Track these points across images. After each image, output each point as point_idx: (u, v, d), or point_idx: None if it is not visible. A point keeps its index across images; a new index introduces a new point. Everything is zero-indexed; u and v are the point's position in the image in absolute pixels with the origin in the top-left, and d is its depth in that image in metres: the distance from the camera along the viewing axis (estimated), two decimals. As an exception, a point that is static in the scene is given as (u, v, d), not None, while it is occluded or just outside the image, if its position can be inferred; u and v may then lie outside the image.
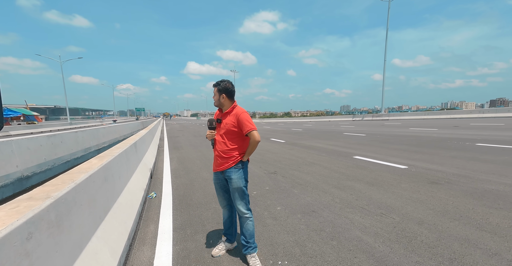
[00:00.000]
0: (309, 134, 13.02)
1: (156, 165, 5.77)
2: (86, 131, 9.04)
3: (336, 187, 3.66)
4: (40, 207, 1.08)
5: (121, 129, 14.28)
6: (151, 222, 2.58)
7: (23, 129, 20.29)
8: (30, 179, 5.37)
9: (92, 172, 1.82)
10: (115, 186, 2.39)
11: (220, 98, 1.84)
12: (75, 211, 1.41)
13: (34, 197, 1.20)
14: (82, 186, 1.58)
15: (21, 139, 5.33)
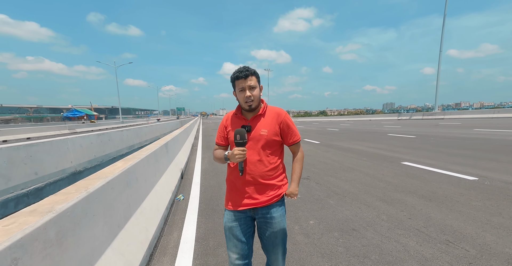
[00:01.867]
0: (346, 135, 12.01)
1: (188, 164, 5.86)
2: (130, 130, 9.82)
3: (382, 199, 3.10)
4: (34, 226, 0.95)
5: (162, 128, 15.32)
6: (176, 229, 2.47)
7: (86, 127, 23.51)
8: (82, 174, 5.96)
9: (111, 178, 1.74)
10: (140, 190, 2.34)
11: (260, 91, 1.22)
12: (84, 223, 1.30)
13: (38, 209, 1.11)
14: (96, 194, 1.49)
15: (75, 137, 5.94)
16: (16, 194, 3.60)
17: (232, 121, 1.28)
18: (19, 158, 3.87)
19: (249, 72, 1.16)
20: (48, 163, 4.60)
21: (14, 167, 3.74)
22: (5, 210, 3.35)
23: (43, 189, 4.24)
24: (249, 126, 1.20)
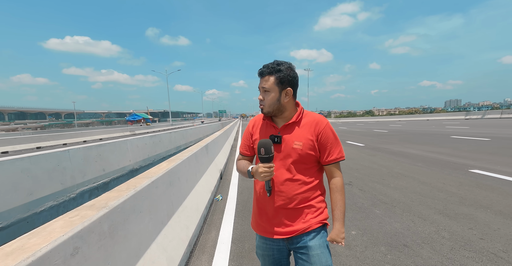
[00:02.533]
0: (397, 137, 10.76)
1: (227, 165, 6.09)
2: (177, 132, 10.76)
3: (443, 213, 2.64)
4: (91, 219, 1.10)
5: (205, 130, 16.37)
6: (214, 228, 2.57)
7: (143, 129, 26.83)
8: (138, 171, 6.78)
9: (156, 177, 1.90)
10: (181, 190, 2.51)
11: (283, 96, 0.96)
12: (133, 219, 1.45)
13: (96, 205, 1.27)
14: (143, 192, 1.65)
15: (133, 138, 6.79)
16: (90, 187, 4.29)
17: (260, 128, 1.06)
18: (91, 156, 4.62)
19: (267, 70, 0.95)
20: (113, 161, 5.36)
21: (88, 164, 4.48)
22: (82, 200, 4.03)
23: (109, 184, 4.96)
24: (279, 137, 0.97)
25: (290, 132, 0.98)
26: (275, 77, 0.94)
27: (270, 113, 0.99)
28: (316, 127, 0.98)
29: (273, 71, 0.94)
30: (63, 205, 3.62)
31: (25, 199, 2.95)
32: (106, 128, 29.16)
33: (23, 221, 2.86)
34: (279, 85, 0.95)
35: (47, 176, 3.42)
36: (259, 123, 1.08)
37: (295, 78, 0.97)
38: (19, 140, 11.54)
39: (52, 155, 3.63)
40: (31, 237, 0.91)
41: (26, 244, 0.86)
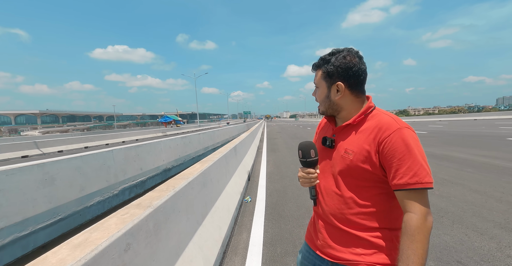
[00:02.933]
0: (439, 139, 9.77)
1: (254, 167, 6.13)
2: (206, 133, 11.17)
3: (504, 227, 2.31)
4: (140, 217, 1.18)
5: (231, 131, 16.73)
6: (244, 230, 2.60)
7: (173, 130, 28.44)
8: (170, 171, 7.18)
9: (191, 178, 1.98)
10: (213, 191, 2.58)
11: (332, 92, 0.81)
12: (173, 218, 1.52)
13: (142, 204, 1.37)
14: (181, 193, 1.73)
15: (165, 140, 7.21)
16: (129, 185, 4.66)
17: (322, 127, 0.97)
18: (131, 156, 5.01)
19: (316, 63, 0.85)
20: (149, 161, 5.75)
21: (128, 163, 4.87)
22: (123, 196, 4.39)
23: (145, 182, 5.33)
24: (332, 140, 0.84)
25: (345, 136, 0.81)
26: (323, 70, 0.81)
27: (324, 112, 0.86)
28: (378, 134, 0.73)
29: (322, 63, 0.82)
30: (108, 201, 3.98)
31: (78, 194, 3.31)
32: (141, 129, 31.48)
33: (76, 214, 3.21)
34: (327, 79, 0.81)
35: (95, 174, 3.80)
36: (324, 122, 0.97)
37: (349, 69, 0.76)
38: (71, 140, 13.04)
39: (99, 155, 4.02)
40: (93, 232, 1.01)
41: (89, 238, 0.96)
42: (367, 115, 0.79)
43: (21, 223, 2.39)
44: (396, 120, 0.74)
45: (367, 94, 0.83)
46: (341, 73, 0.77)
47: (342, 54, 0.78)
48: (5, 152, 9.66)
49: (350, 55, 0.78)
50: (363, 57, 0.80)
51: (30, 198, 2.57)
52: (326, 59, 0.81)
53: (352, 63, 0.77)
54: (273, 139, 13.87)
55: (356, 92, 0.80)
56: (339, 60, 0.77)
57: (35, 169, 2.75)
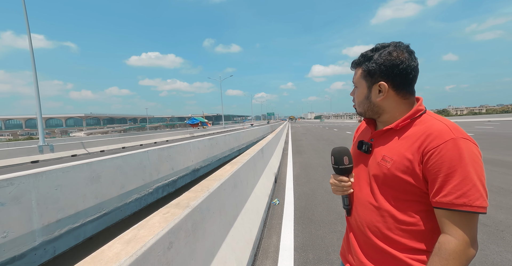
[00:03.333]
0: (489, 141, 8.69)
1: (280, 169, 6.07)
2: (231, 135, 11.39)
3: None
4: (180, 217, 1.23)
5: (255, 132, 16.85)
6: (274, 233, 2.57)
7: (200, 132, 29.59)
8: (199, 171, 7.46)
9: (224, 180, 2.03)
10: (243, 192, 2.61)
11: (373, 92, 0.73)
12: (208, 218, 1.57)
13: (180, 203, 1.43)
14: (215, 194, 1.77)
15: (194, 141, 7.51)
16: (162, 184, 4.94)
17: (362, 130, 0.89)
18: (163, 156, 5.32)
19: (356, 60, 0.77)
20: (179, 161, 6.04)
21: (161, 163, 5.17)
22: (157, 194, 4.67)
23: (176, 181, 5.61)
24: (369, 144, 0.76)
25: (385, 142, 0.72)
26: (363, 69, 0.73)
27: (362, 114, 0.79)
28: (424, 142, 0.62)
29: (362, 60, 0.73)
30: (144, 198, 4.26)
31: (119, 191, 3.60)
32: (170, 131, 33.28)
33: (117, 210, 3.49)
34: (367, 79, 0.72)
35: (133, 172, 4.10)
36: (363, 125, 0.89)
37: (395, 67, 0.67)
38: (110, 141, 14.31)
39: (136, 155, 4.33)
40: (140, 229, 1.08)
41: (138, 235, 1.02)
42: (414, 119, 0.69)
43: (74, 215, 2.67)
44: (452, 129, 0.62)
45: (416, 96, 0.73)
46: (384, 72, 0.68)
47: (387, 49, 0.69)
48: (59, 151, 10.95)
49: (397, 51, 0.68)
50: (413, 52, 0.70)
51: (81, 194, 2.86)
52: (367, 55, 0.72)
53: (399, 60, 0.67)
54: (298, 140, 13.62)
55: (403, 92, 0.70)
56: (383, 56, 0.68)
57: (84, 167, 3.05)
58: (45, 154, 10.27)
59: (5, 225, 1.85)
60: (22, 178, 2.18)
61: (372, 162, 0.74)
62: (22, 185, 2.14)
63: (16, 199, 2.04)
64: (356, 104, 0.79)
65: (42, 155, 10.15)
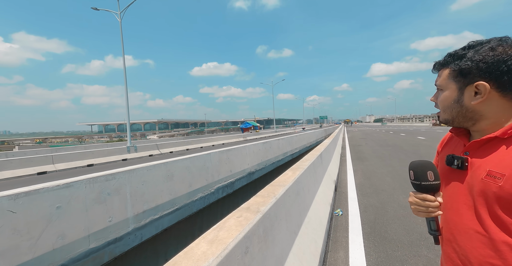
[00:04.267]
0: None
1: (339, 176, 5.63)
2: (284, 139, 11.33)
3: None
4: (253, 222, 1.24)
5: (308, 137, 16.29)
6: (340, 247, 2.36)
7: (252, 136, 30.64)
8: (254, 174, 7.66)
9: (288, 186, 1.97)
10: (305, 200, 2.49)
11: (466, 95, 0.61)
12: (276, 225, 1.54)
13: (250, 208, 1.45)
14: (281, 200, 1.73)
15: (250, 145, 7.76)
16: (222, 185, 5.26)
17: (448, 142, 0.77)
18: (223, 159, 5.67)
19: (440, 61, 0.68)
20: (236, 164, 6.34)
21: (221, 165, 5.52)
22: (217, 195, 5.00)
23: (234, 183, 5.89)
24: (463, 159, 0.63)
25: (487, 154, 0.59)
26: (452, 69, 0.63)
27: (449, 121, 0.66)
28: None
29: (449, 60, 0.64)
30: (207, 198, 4.62)
31: (187, 189, 4.00)
32: (225, 134, 35.58)
33: (186, 206, 3.88)
34: (458, 79, 0.62)
35: (198, 173, 4.50)
36: (449, 137, 0.78)
37: (500, 64, 0.56)
38: (177, 143, 16.30)
39: (201, 157, 4.75)
40: (219, 230, 1.13)
41: (218, 236, 1.07)
42: None
43: (155, 208, 3.09)
44: None
45: None
46: (484, 70, 0.58)
47: (487, 45, 0.59)
48: (140, 151, 13.14)
49: (502, 46, 0.57)
50: None
51: (159, 190, 3.29)
52: (457, 54, 0.62)
53: (506, 55, 0.56)
54: (357, 146, 12.45)
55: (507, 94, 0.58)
56: (483, 52, 0.58)
57: (162, 166, 3.51)
58: (131, 154, 12.48)
59: (110, 212, 2.29)
60: (121, 173, 2.65)
61: (473, 179, 0.60)
62: (120, 179, 2.61)
63: (117, 191, 2.50)
64: (441, 109, 0.68)
65: (129, 154, 12.36)
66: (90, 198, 2.17)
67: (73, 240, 1.83)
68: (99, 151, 11.14)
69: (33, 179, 7.69)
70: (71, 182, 2.02)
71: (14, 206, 1.44)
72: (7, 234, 1.37)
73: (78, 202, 2.03)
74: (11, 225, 1.39)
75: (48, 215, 1.68)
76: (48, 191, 1.72)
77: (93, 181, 2.27)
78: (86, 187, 2.16)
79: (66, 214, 1.83)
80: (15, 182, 7.34)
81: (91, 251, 1.97)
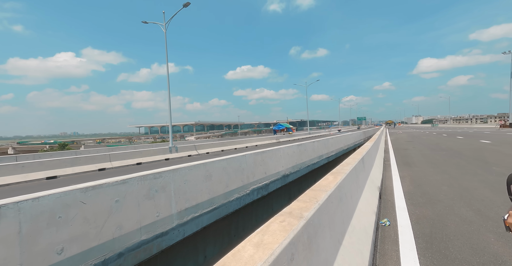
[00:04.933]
0: None
1: (383, 183, 5.15)
2: (319, 141, 10.89)
3: None
4: (297, 228, 1.19)
5: (345, 139, 15.38)
6: (390, 261, 2.13)
7: (285, 138, 30.29)
8: (288, 177, 7.52)
9: (331, 191, 1.86)
10: (348, 207, 2.33)
11: None
12: (320, 233, 1.46)
13: (292, 213, 1.40)
14: (324, 206, 1.64)
15: (284, 147, 7.65)
16: (257, 186, 5.28)
17: None
18: (258, 160, 5.70)
19: None
20: (271, 166, 6.31)
21: (256, 166, 5.56)
22: (252, 196, 5.03)
23: (269, 185, 5.86)
24: None
25: None
26: None
27: None
28: None
29: None
30: (242, 199, 4.68)
31: (224, 189, 4.12)
32: (258, 136, 35.86)
33: (223, 206, 3.99)
34: None
35: (234, 174, 4.60)
36: None
37: None
38: (213, 144, 17.04)
39: (236, 158, 4.84)
40: (263, 234, 1.11)
41: (263, 240, 1.05)
42: None
43: (195, 206, 3.25)
44: None
45: None
46: None
47: None
48: (180, 152, 14.11)
49: None
50: None
51: (199, 189, 3.45)
52: None
53: None
54: (403, 150, 11.28)
55: None
56: None
57: (201, 167, 3.68)
58: (172, 154, 13.48)
59: (157, 207, 2.48)
60: (166, 172, 2.86)
61: None
62: (166, 177, 2.81)
63: (163, 188, 2.70)
64: None
65: (171, 154, 13.36)
66: (141, 194, 2.38)
67: (128, 231, 2.03)
68: (146, 151, 12.30)
69: (95, 174, 8.86)
70: (126, 178, 2.25)
71: (85, 197, 1.67)
72: (80, 222, 1.59)
73: (132, 197, 2.25)
74: (82, 214, 1.61)
75: (109, 207, 1.90)
76: (109, 186, 1.95)
77: (144, 178, 2.49)
78: (138, 184, 2.38)
79: (122, 208, 2.04)
80: (82, 177, 8.57)
81: (142, 242, 2.16)
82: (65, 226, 1.49)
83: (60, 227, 1.45)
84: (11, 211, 1.22)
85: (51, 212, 1.42)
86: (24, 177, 8.08)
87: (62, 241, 1.45)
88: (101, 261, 1.70)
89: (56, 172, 8.83)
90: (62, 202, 1.53)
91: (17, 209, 1.25)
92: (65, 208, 1.54)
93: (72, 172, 9.13)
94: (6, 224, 1.19)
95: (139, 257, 2.11)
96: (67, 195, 1.63)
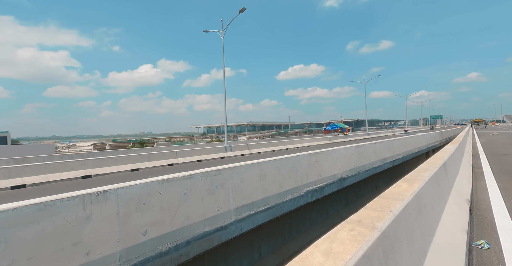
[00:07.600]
0: None
1: (474, 194, 4.17)
2: (382, 143, 9.69)
3: None
4: (371, 240, 1.05)
5: (415, 141, 13.22)
6: (489, 295, 1.68)
7: (340, 138, 28.29)
8: (345, 180, 6.95)
9: (408, 201, 1.60)
10: (429, 220, 1.95)
11: None
12: (397, 248, 1.25)
13: (362, 221, 1.24)
14: (401, 217, 1.41)
15: (340, 148, 7.12)
16: (311, 188, 5.07)
17: None
18: (312, 162, 5.47)
19: None
20: (326, 168, 5.95)
21: (310, 168, 5.34)
22: (307, 198, 4.85)
23: (323, 188, 5.54)
24: None
25: None
26: None
27: None
28: None
29: None
30: (296, 200, 4.56)
31: (278, 189, 4.10)
32: (310, 136, 34.62)
33: (277, 206, 3.97)
34: None
35: (288, 175, 4.52)
36: None
37: None
38: (265, 144, 17.37)
39: (290, 159, 4.76)
40: (331, 242, 1.02)
41: (332, 249, 0.96)
42: None
43: (250, 204, 3.34)
44: None
45: None
46: None
47: None
48: (235, 151, 14.96)
49: None
50: None
51: (254, 187, 3.53)
52: None
53: None
54: (501, 155, 8.92)
55: None
56: None
57: (256, 166, 3.76)
58: (227, 152, 14.39)
59: (218, 202, 2.65)
60: (225, 170, 3.03)
61: None
62: (224, 175, 2.98)
63: (222, 185, 2.87)
64: None
65: (226, 153, 14.29)
66: (204, 189, 2.59)
67: (194, 222, 2.24)
68: (205, 149, 13.51)
69: (166, 169, 10.26)
70: (192, 174, 2.49)
71: (161, 189, 1.93)
72: (157, 209, 1.85)
73: (197, 191, 2.47)
74: (160, 203, 1.87)
75: (179, 199, 2.13)
76: (179, 180, 2.19)
77: (206, 175, 2.70)
78: (201, 179, 2.60)
79: (189, 200, 2.26)
80: (156, 170, 10.06)
81: (205, 233, 2.35)
82: (147, 212, 1.75)
83: (144, 212, 1.73)
84: (113, 195, 1.52)
85: (138, 199, 1.70)
86: (117, 168, 10.05)
87: (146, 225, 1.71)
88: (173, 246, 1.92)
89: (138, 165, 10.64)
90: (145, 191, 1.81)
91: (116, 194, 1.55)
92: (147, 196, 1.81)
93: (148, 166, 10.84)
94: (110, 205, 1.50)
95: (203, 247, 2.29)
96: (148, 185, 1.91)
